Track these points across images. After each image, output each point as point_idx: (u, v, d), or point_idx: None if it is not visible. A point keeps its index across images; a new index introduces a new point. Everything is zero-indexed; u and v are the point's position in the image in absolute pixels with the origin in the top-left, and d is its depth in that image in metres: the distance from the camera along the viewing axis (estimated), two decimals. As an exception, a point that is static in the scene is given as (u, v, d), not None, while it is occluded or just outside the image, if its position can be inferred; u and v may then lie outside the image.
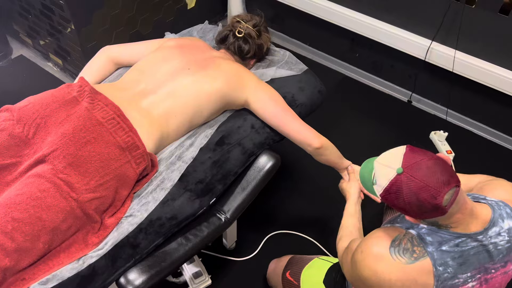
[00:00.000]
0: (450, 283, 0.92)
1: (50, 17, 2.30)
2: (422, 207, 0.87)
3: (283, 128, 1.40)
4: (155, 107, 1.29)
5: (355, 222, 1.30)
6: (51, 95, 1.22)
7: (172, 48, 1.44)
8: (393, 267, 0.92)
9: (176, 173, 1.27)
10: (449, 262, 0.91)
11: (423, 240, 0.93)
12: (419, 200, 0.86)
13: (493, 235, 0.93)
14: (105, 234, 1.14)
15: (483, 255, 0.93)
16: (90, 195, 1.10)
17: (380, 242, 0.96)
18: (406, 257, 0.92)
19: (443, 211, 0.87)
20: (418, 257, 0.91)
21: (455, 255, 0.91)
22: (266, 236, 1.89)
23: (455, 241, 0.92)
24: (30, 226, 1.02)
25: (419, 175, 0.87)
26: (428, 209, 0.87)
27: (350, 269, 1.06)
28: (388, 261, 0.93)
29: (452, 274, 0.91)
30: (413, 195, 0.87)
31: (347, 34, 2.54)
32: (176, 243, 1.23)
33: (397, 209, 0.93)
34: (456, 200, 0.88)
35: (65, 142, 1.11)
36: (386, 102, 2.59)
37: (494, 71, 2.05)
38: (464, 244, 0.92)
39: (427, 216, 0.90)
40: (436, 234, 0.93)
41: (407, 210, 0.90)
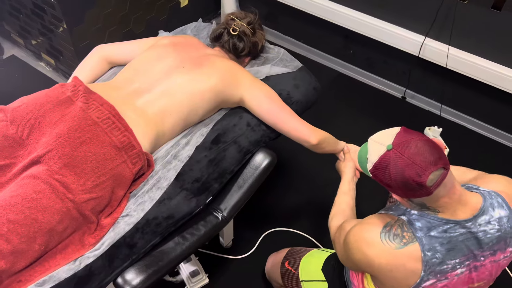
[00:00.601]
0: (439, 268, 0.94)
1: (42, 16, 2.28)
2: (407, 185, 0.89)
3: (280, 126, 1.40)
4: (150, 106, 1.28)
5: (348, 200, 1.31)
6: (45, 95, 1.21)
7: (166, 46, 1.43)
8: (383, 252, 0.94)
9: (172, 172, 1.26)
10: (438, 247, 0.93)
11: (413, 226, 0.94)
12: (404, 177, 0.89)
13: (483, 223, 0.95)
14: (101, 234, 1.13)
15: (472, 242, 0.95)
16: (87, 196, 1.09)
17: (371, 228, 0.99)
18: (396, 242, 0.94)
19: (428, 191, 0.89)
20: (407, 242, 0.93)
21: (443, 241, 0.93)
22: (262, 234, 1.90)
23: (443, 227, 0.93)
24: (26, 228, 1.02)
25: (407, 152, 0.89)
26: (413, 187, 0.89)
27: (342, 250, 1.08)
28: (379, 246, 0.95)
29: (440, 259, 0.93)
30: (399, 171, 0.89)
31: (341, 31, 2.54)
32: (173, 242, 1.22)
33: (385, 186, 0.95)
34: (443, 182, 0.90)
35: (60, 143, 1.10)
36: (380, 98, 2.60)
37: (488, 67, 2.06)
38: (453, 231, 0.94)
39: (412, 195, 0.91)
40: (425, 219, 0.95)
41: (393, 187, 0.92)
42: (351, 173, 1.41)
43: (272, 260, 1.61)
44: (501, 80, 2.06)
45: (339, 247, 1.11)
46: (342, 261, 1.12)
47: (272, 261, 1.60)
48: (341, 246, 1.09)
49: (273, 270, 1.57)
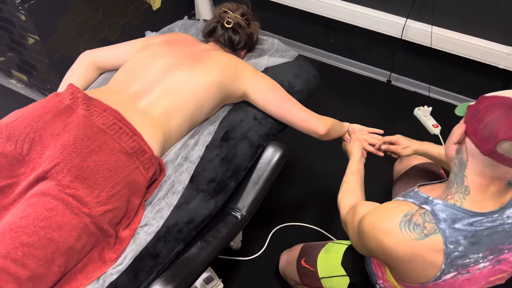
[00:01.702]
0: (460, 262, 0.89)
1: (10, 30, 2.15)
2: (491, 124, 0.81)
3: (287, 117, 1.36)
4: (153, 107, 1.21)
5: (357, 179, 1.28)
6: (42, 106, 1.12)
7: (160, 44, 1.36)
8: (401, 242, 0.89)
9: (186, 175, 1.20)
10: (461, 240, 0.87)
11: (436, 216, 0.88)
12: (501, 117, 0.80)
13: (511, 216, 0.90)
14: (122, 248, 1.05)
15: (497, 236, 0.90)
16: (103, 208, 1.01)
17: (390, 216, 0.92)
18: (416, 232, 0.88)
19: (492, 147, 0.81)
20: (428, 234, 0.87)
21: (467, 234, 0.87)
22: (271, 231, 1.85)
23: (469, 220, 0.87)
24: (42, 250, 0.93)
25: None
26: (490, 131, 0.81)
27: (355, 235, 1.03)
28: (397, 235, 0.89)
29: (463, 253, 0.88)
30: (505, 113, 0.80)
31: (320, 20, 2.53)
32: (197, 247, 1.16)
33: (469, 112, 0.87)
34: (502, 163, 0.82)
35: (68, 154, 1.01)
36: (366, 84, 2.60)
37: (471, 42, 2.09)
38: (479, 224, 0.88)
39: (479, 136, 0.83)
40: (450, 210, 0.88)
41: (478, 115, 0.84)
42: (359, 153, 1.39)
43: (286, 257, 1.56)
44: (485, 54, 2.09)
45: (352, 230, 1.07)
46: (355, 245, 1.08)
47: (286, 259, 1.56)
48: (355, 230, 1.04)
49: (289, 268, 1.52)
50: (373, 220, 0.94)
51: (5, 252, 0.91)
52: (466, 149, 0.87)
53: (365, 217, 0.98)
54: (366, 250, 1.01)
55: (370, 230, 0.94)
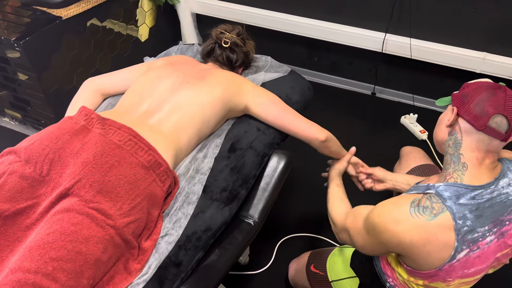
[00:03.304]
0: (470, 237, 0.92)
1: (4, 68, 2.19)
2: (481, 102, 0.92)
3: (288, 127, 1.42)
4: (163, 124, 1.27)
5: (343, 190, 1.36)
6: (58, 128, 1.16)
7: (163, 66, 1.43)
8: (414, 227, 0.92)
9: (198, 186, 1.24)
10: (467, 215, 0.92)
11: (441, 196, 0.93)
12: (489, 97, 0.91)
13: (505, 186, 0.96)
14: (145, 258, 1.08)
15: (497, 207, 0.95)
16: (126, 220, 1.04)
17: (398, 205, 0.97)
18: (426, 214, 0.92)
19: (483, 123, 0.91)
20: (437, 213, 0.92)
21: (472, 208, 0.93)
22: (277, 244, 1.88)
23: (471, 194, 0.93)
24: (71, 263, 0.95)
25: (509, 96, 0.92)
26: (481, 108, 0.91)
27: (362, 235, 1.05)
28: (409, 221, 0.92)
29: (471, 227, 0.92)
30: (491, 93, 0.92)
31: (303, 41, 2.64)
32: (215, 254, 1.19)
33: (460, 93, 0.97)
34: (494, 137, 0.92)
35: (89, 170, 1.05)
36: (352, 98, 2.71)
37: (448, 51, 2.23)
38: (480, 197, 0.94)
39: (469, 113, 0.93)
40: (453, 188, 0.94)
41: (469, 94, 0.94)
42: (342, 170, 1.49)
43: (294, 266, 1.59)
44: (462, 61, 2.23)
45: (356, 232, 1.08)
46: (361, 247, 1.08)
47: (295, 268, 1.58)
48: (361, 231, 1.06)
49: (298, 276, 1.55)
50: (382, 212, 0.98)
51: (36, 268, 0.93)
52: (460, 128, 0.96)
53: (373, 213, 1.00)
54: (377, 246, 1.02)
55: (381, 222, 0.97)
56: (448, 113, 1.01)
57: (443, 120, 1.03)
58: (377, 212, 0.99)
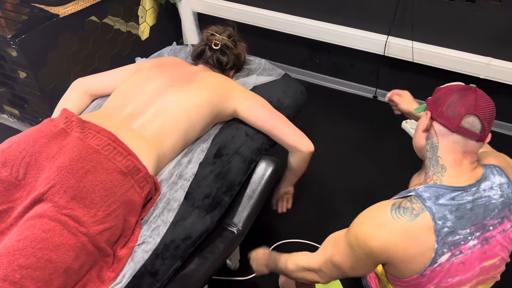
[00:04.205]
0: (451, 239, 0.91)
1: (2, 65, 2.18)
2: (452, 104, 0.93)
3: (275, 133, 1.39)
4: (147, 128, 1.24)
5: None
6: (37, 130, 1.14)
7: (151, 68, 1.40)
8: (396, 228, 0.91)
9: (181, 192, 1.21)
10: (448, 215, 0.91)
11: (421, 197, 0.93)
12: (459, 98, 0.93)
13: (486, 189, 0.96)
14: (120, 266, 1.05)
15: (479, 210, 0.94)
16: (100, 227, 1.02)
17: (378, 210, 0.96)
18: (407, 215, 0.92)
19: (456, 124, 0.92)
20: (418, 213, 0.91)
21: (452, 208, 0.92)
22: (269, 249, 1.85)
23: (451, 195, 0.93)
24: (40, 271, 0.93)
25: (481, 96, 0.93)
26: (452, 109, 0.93)
27: (348, 254, 1.00)
28: (391, 223, 0.92)
29: (451, 228, 0.91)
30: (462, 94, 0.94)
31: (304, 42, 2.60)
32: (194, 263, 1.16)
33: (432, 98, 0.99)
34: (468, 138, 0.93)
35: (64, 176, 1.03)
36: (353, 101, 2.66)
37: (451, 55, 2.17)
38: (460, 198, 0.93)
39: (442, 116, 0.94)
40: (432, 189, 0.94)
41: (440, 98, 0.96)
42: None
43: None
44: (466, 66, 2.17)
45: (341, 255, 1.03)
46: (352, 269, 1.03)
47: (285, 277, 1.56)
48: (344, 251, 1.01)
49: (288, 282, 1.53)
50: (365, 219, 0.96)
51: (3, 275, 0.91)
52: (435, 132, 0.98)
53: (354, 223, 0.98)
54: (366, 259, 0.98)
55: (364, 230, 0.95)
56: (424, 118, 1.02)
57: (419, 126, 1.04)
58: (359, 221, 0.98)
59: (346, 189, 2.09)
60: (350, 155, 2.29)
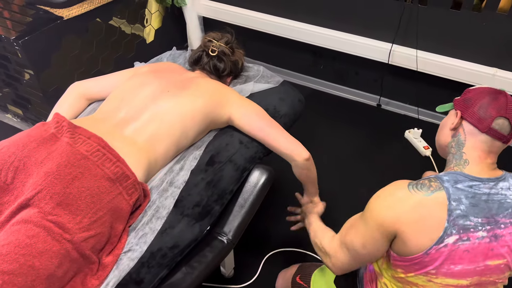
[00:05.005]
0: (462, 222, 0.93)
1: (6, 65, 2.20)
2: (484, 106, 0.97)
3: (271, 143, 1.37)
4: (139, 134, 1.23)
5: None
6: (27, 135, 1.14)
7: (147, 73, 1.39)
8: (411, 201, 0.94)
9: (170, 200, 1.20)
10: (463, 199, 0.94)
11: (440, 178, 0.97)
12: (490, 101, 0.97)
13: (504, 188, 0.98)
14: (105, 274, 1.05)
15: (494, 205, 0.96)
16: (85, 234, 1.01)
17: (396, 186, 1.00)
18: (424, 190, 0.95)
19: (487, 125, 0.96)
20: (434, 190, 0.95)
21: (468, 194, 0.95)
22: (264, 258, 1.83)
23: (469, 183, 0.96)
24: (22, 277, 0.92)
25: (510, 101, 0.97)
26: (484, 111, 0.97)
27: (361, 230, 1.02)
28: (407, 196, 0.95)
29: (464, 212, 0.94)
30: (493, 97, 0.97)
31: (308, 48, 2.59)
32: (181, 273, 1.15)
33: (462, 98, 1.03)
34: (497, 139, 0.97)
35: (50, 181, 1.02)
36: (356, 109, 2.63)
37: (456, 64, 2.13)
38: (477, 188, 0.96)
39: (473, 116, 0.98)
40: (452, 174, 0.98)
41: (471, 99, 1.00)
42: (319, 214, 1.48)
43: (282, 276, 1.56)
44: (471, 76, 2.13)
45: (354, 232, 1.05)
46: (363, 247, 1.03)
47: (282, 278, 1.56)
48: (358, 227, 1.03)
49: (284, 285, 1.52)
50: (382, 192, 1.00)
51: None
52: (464, 130, 1.01)
53: (371, 199, 1.01)
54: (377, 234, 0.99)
55: (380, 202, 0.98)
56: (452, 117, 1.06)
57: (446, 124, 1.08)
58: (376, 195, 1.02)
59: (346, 198, 2.07)
60: (352, 162, 2.26)
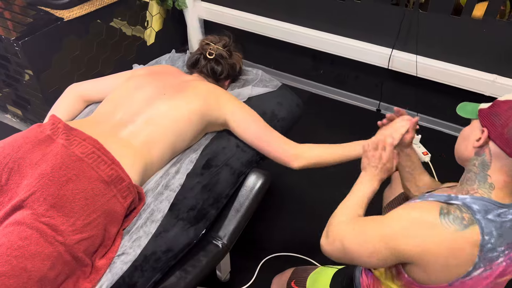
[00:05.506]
0: (490, 255, 0.88)
1: (6, 66, 2.20)
2: None
3: (265, 148, 1.33)
4: (135, 137, 1.23)
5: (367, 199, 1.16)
6: (22, 136, 1.14)
7: (144, 76, 1.39)
8: (444, 235, 0.86)
9: (166, 203, 1.20)
10: (493, 232, 0.88)
11: (471, 208, 0.89)
12: None
13: None
14: (97, 277, 1.04)
15: None
16: (78, 236, 1.01)
17: (427, 211, 0.90)
18: (457, 223, 0.87)
19: None
20: (467, 224, 0.87)
21: (497, 225, 0.88)
22: (260, 262, 1.82)
23: (497, 211, 0.89)
24: (14, 279, 0.92)
25: None
26: None
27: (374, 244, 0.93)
28: (440, 228, 0.87)
29: (493, 245, 0.88)
30: None
31: (308, 52, 2.58)
32: (175, 277, 1.15)
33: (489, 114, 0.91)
34: None
35: (44, 183, 1.02)
36: (356, 113, 2.63)
37: (456, 70, 2.12)
38: (504, 216, 0.90)
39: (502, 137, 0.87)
40: (481, 202, 0.90)
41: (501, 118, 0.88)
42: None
43: (277, 281, 1.55)
44: (470, 82, 2.12)
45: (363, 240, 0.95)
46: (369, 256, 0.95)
47: (277, 283, 1.54)
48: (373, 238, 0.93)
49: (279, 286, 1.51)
50: (409, 216, 0.90)
51: None
52: (490, 151, 0.91)
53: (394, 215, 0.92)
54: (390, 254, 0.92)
55: (407, 227, 0.89)
56: (477, 132, 0.94)
57: (469, 137, 0.97)
58: (399, 214, 0.92)
59: (342, 203, 2.06)
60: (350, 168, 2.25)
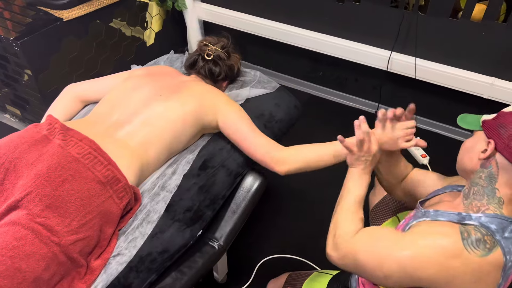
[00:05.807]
0: (509, 272, 0.86)
1: (5, 66, 2.20)
2: None
3: (251, 151, 1.30)
4: (131, 137, 1.23)
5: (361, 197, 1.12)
6: (18, 136, 1.14)
7: (141, 76, 1.39)
8: (469, 263, 0.83)
9: (162, 204, 1.20)
10: (511, 249, 0.85)
11: (489, 229, 0.85)
12: None
13: None
14: (92, 278, 1.04)
15: None
16: (73, 237, 1.01)
17: (447, 236, 0.85)
18: (480, 248, 0.83)
19: None
20: (491, 248, 0.84)
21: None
22: (257, 264, 1.82)
23: (511, 227, 0.87)
24: (9, 280, 0.92)
25: None
26: None
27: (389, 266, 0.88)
28: (464, 256, 0.83)
29: (511, 261, 0.86)
30: None
31: (308, 54, 2.58)
32: (171, 278, 1.14)
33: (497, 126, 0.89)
34: None
35: (40, 183, 1.02)
36: (355, 115, 2.59)
37: (454, 73, 2.12)
38: None
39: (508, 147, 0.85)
40: (496, 219, 0.86)
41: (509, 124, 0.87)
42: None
43: (272, 286, 1.55)
44: (469, 85, 2.12)
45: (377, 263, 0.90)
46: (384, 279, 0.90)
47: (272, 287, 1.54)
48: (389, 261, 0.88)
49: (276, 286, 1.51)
50: (432, 244, 0.85)
51: None
52: (497, 163, 0.89)
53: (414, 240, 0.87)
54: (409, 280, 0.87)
55: (429, 254, 0.84)
56: (482, 144, 0.92)
57: (473, 149, 0.94)
58: (417, 242, 0.86)
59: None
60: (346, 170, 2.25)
